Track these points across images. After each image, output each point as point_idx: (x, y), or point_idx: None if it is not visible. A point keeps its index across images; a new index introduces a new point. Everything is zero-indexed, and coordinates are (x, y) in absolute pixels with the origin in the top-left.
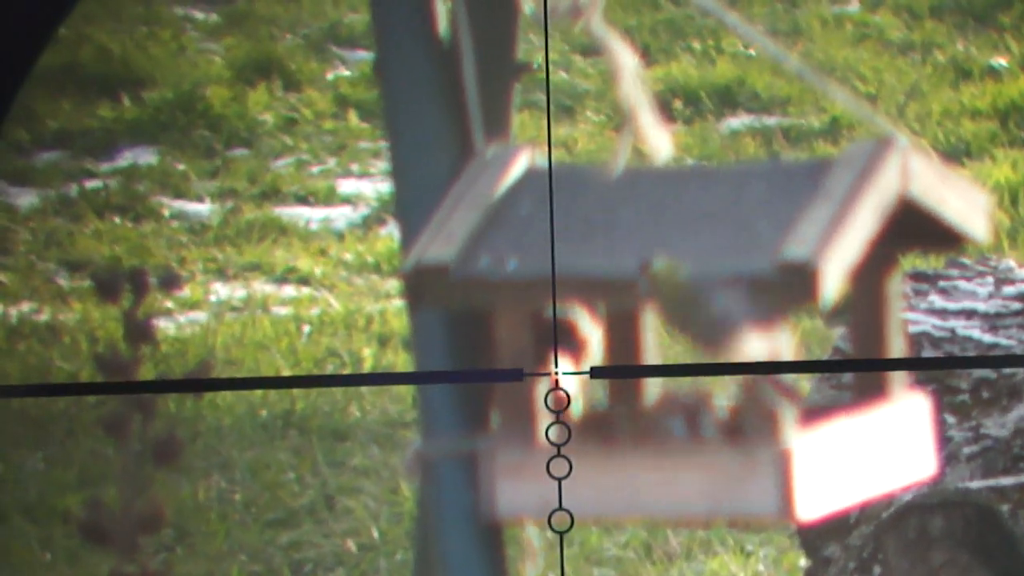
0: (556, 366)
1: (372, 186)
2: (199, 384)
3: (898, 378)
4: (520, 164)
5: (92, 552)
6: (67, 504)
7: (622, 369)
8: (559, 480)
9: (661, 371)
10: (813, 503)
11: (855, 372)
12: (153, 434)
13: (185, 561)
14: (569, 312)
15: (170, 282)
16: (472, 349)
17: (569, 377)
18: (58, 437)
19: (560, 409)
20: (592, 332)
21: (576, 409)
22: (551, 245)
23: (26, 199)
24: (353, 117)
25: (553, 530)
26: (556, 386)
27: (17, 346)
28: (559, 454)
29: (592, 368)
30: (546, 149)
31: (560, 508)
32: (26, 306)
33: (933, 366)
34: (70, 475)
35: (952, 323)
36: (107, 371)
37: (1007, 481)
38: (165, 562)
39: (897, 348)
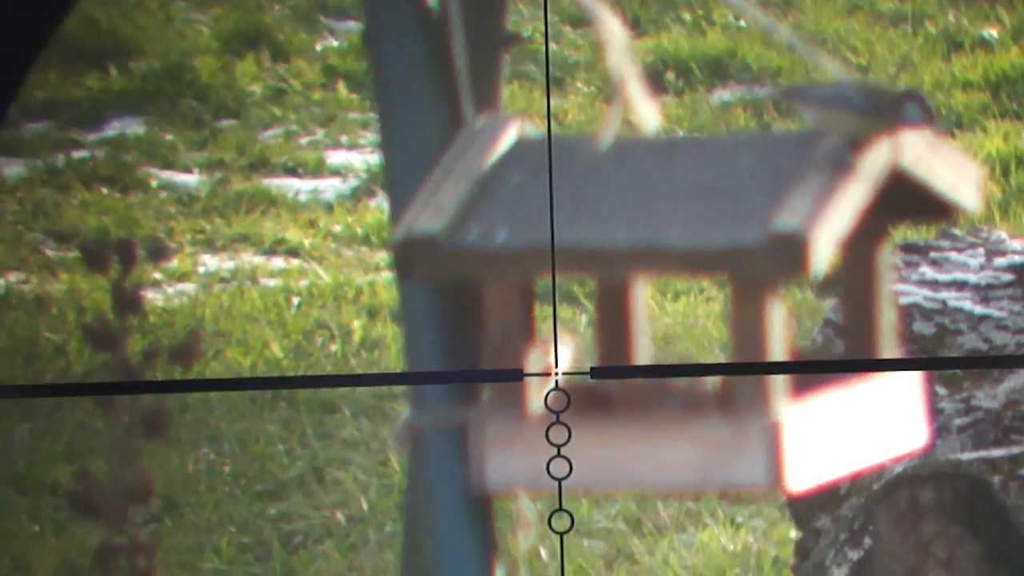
0: (556, 366)
1: (361, 157)
2: (201, 384)
3: (889, 350)
4: (510, 135)
5: (81, 523)
6: (56, 476)
7: (622, 369)
8: (559, 480)
9: (661, 371)
10: (803, 475)
11: (859, 372)
12: (142, 406)
13: (174, 532)
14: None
15: (158, 253)
16: (462, 321)
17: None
18: (46, 409)
19: (560, 409)
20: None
21: (562, 378)
22: (551, 247)
23: (13, 169)
24: (342, 88)
25: (553, 531)
26: (556, 386)
27: (4, 317)
28: (559, 454)
29: (592, 368)
30: (537, 120)
31: (560, 508)
32: (13, 276)
33: (934, 367)
34: (58, 447)
35: (943, 295)
36: (95, 341)
37: (998, 453)
38: (154, 533)
39: (888, 320)
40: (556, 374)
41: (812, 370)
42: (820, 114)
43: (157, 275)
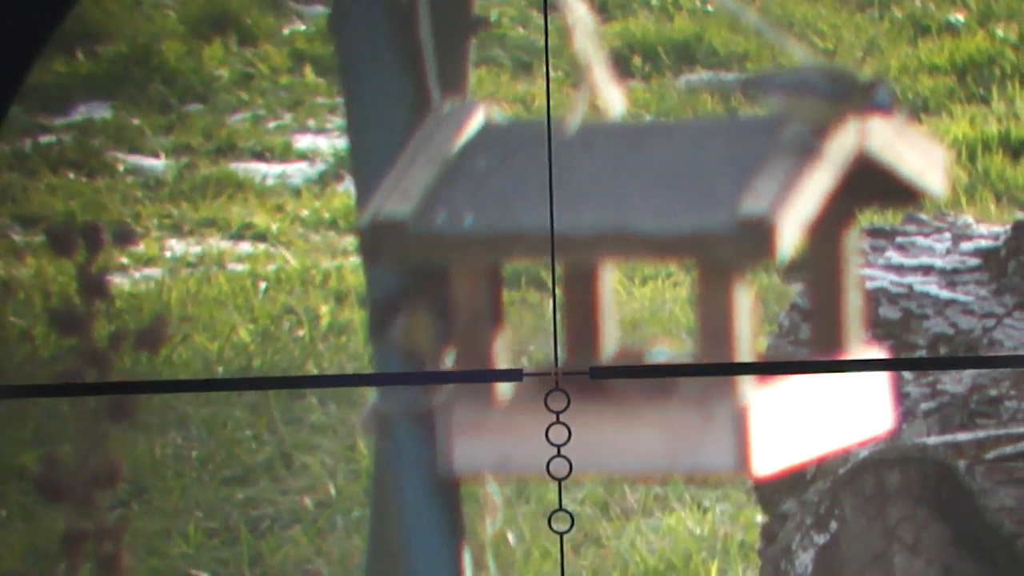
0: (556, 366)
1: (328, 142)
2: (201, 384)
3: (855, 334)
4: (477, 119)
5: (48, 508)
6: (22, 461)
7: (622, 370)
8: (559, 481)
9: (662, 372)
10: (770, 459)
11: (840, 371)
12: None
13: (141, 517)
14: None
15: (125, 237)
16: (429, 304)
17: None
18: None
19: (560, 409)
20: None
21: (532, 362)
22: (551, 249)
23: None
24: (309, 72)
25: (553, 531)
26: (556, 386)
27: None
28: (559, 454)
29: (592, 368)
30: (504, 106)
31: (560, 509)
32: None
33: (927, 367)
34: (25, 432)
35: (909, 279)
36: (61, 326)
37: (964, 437)
38: (121, 518)
39: (854, 304)
40: (556, 374)
41: (806, 371)
42: (785, 101)
43: (124, 260)
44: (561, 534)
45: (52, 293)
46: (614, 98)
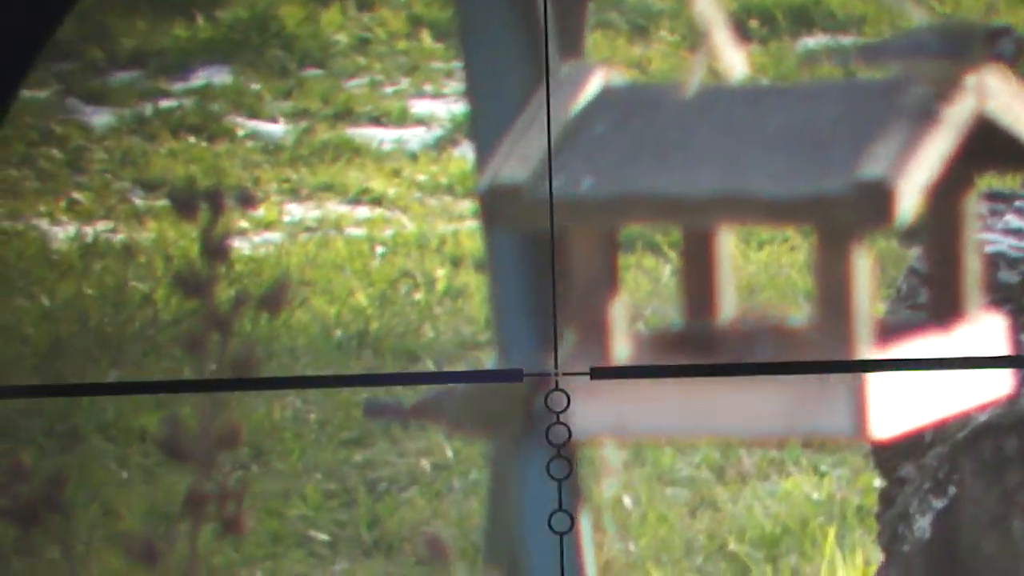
0: (556, 366)
1: (445, 107)
2: (209, 384)
3: (973, 298)
4: (594, 83)
5: (169, 470)
6: (144, 423)
7: (622, 370)
8: (559, 481)
9: (663, 372)
10: (888, 423)
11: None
12: (230, 353)
13: (261, 479)
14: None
15: (246, 201)
16: (545, 269)
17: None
18: (134, 356)
19: (560, 410)
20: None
21: (648, 326)
22: (551, 254)
23: (102, 118)
24: (426, 37)
25: (553, 531)
26: (556, 387)
27: (93, 265)
28: (559, 455)
29: (592, 368)
30: (620, 69)
31: (560, 509)
32: (102, 225)
33: (928, 366)
34: (147, 394)
35: None
36: (185, 288)
37: None
38: (241, 480)
39: (973, 268)
40: (556, 374)
41: (809, 371)
42: (903, 65)
43: (244, 224)
44: (561, 535)
45: (173, 257)
46: (735, 61)
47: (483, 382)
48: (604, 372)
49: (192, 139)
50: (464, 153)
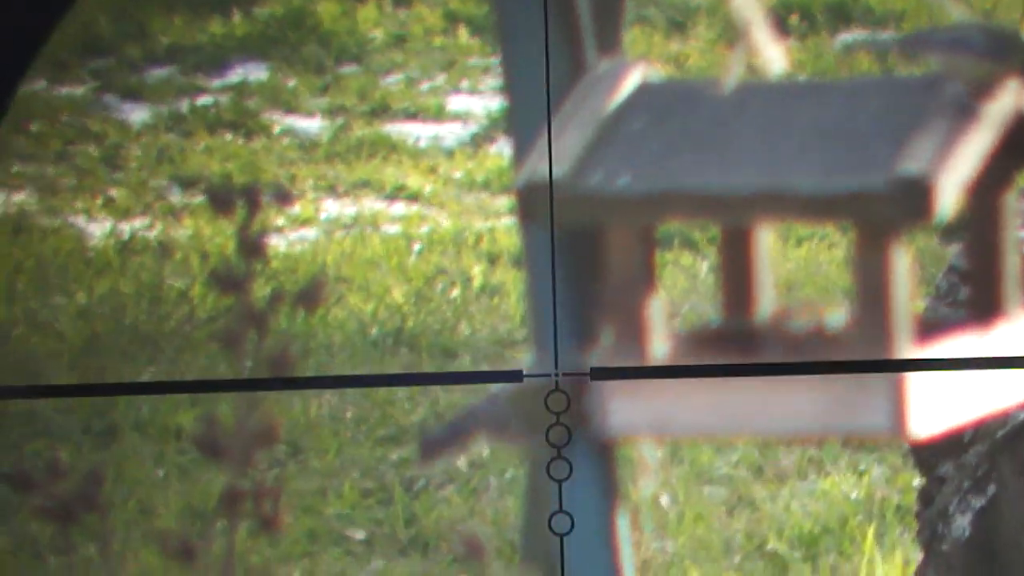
0: (556, 367)
1: (482, 103)
2: (201, 385)
3: (1013, 296)
4: (632, 79)
5: (206, 468)
6: (180, 421)
7: (622, 371)
8: (559, 482)
9: (664, 372)
10: (927, 421)
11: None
12: (266, 350)
13: (297, 477)
14: None
15: (282, 198)
16: (583, 265)
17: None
18: (170, 354)
19: (560, 411)
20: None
21: (686, 323)
22: (552, 257)
23: (138, 115)
24: (463, 33)
25: (553, 532)
26: (556, 387)
27: (130, 262)
28: (559, 456)
29: (592, 369)
30: (658, 65)
31: (561, 510)
32: (138, 222)
33: (927, 367)
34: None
35: None
36: (221, 285)
37: None
38: (278, 478)
39: (1013, 266)
40: (556, 375)
41: (807, 371)
42: (943, 60)
43: (280, 221)
44: (562, 536)
45: (210, 254)
46: (773, 57)
47: (483, 383)
48: (604, 372)
49: (228, 136)
50: (500, 150)
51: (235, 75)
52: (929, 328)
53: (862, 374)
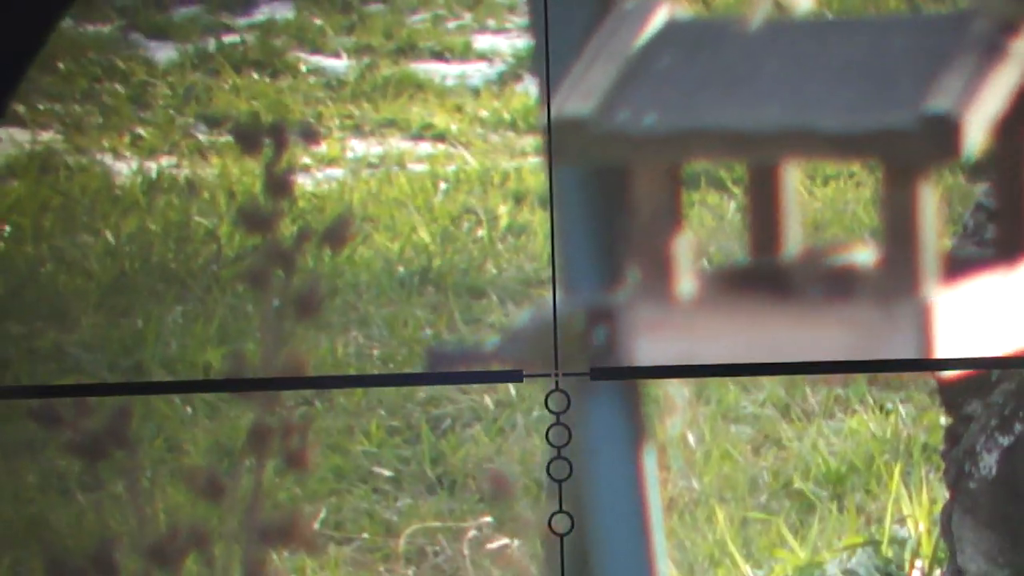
0: (556, 367)
1: (508, 42)
2: (193, 385)
3: None
4: (659, 16)
5: (233, 405)
6: (208, 358)
7: (622, 371)
8: (559, 482)
9: (664, 372)
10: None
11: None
12: (293, 289)
13: (324, 416)
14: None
15: (309, 136)
16: (610, 204)
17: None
18: (198, 292)
19: (561, 411)
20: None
21: (713, 263)
22: (551, 255)
23: (165, 53)
24: None
25: (553, 532)
26: (556, 387)
27: (157, 200)
28: (559, 456)
29: (592, 368)
30: (685, 2)
31: (560, 510)
32: (165, 160)
33: (928, 367)
34: (210, 330)
35: None
36: (248, 224)
37: None
38: (305, 416)
39: None
40: (556, 375)
41: (806, 372)
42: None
43: (306, 160)
44: (562, 536)
45: (237, 193)
46: None
47: (484, 382)
48: (604, 372)
49: (255, 75)
50: (527, 88)
51: (261, 14)
52: (956, 267)
53: (889, 308)
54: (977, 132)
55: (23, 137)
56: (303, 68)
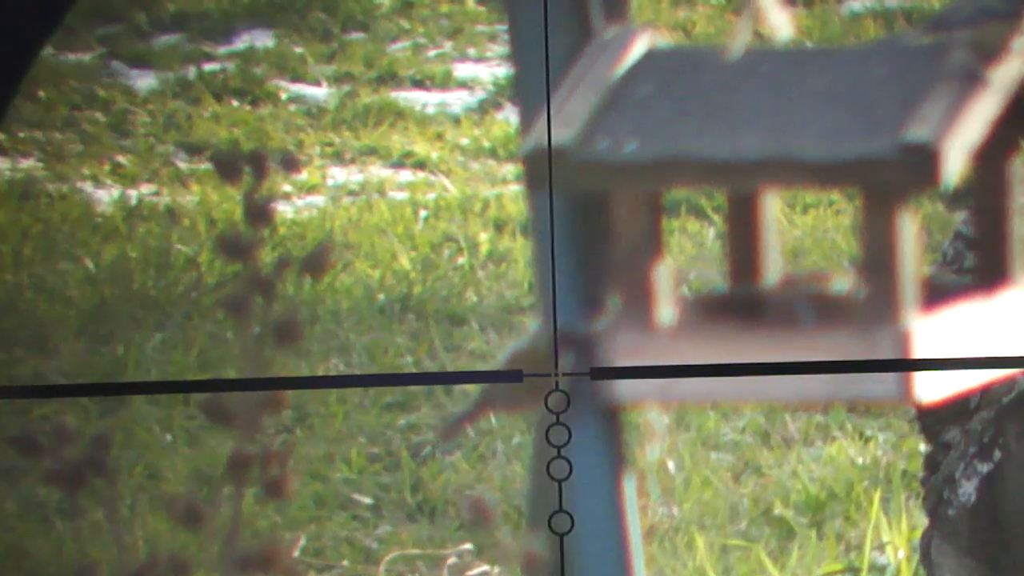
0: (556, 367)
1: (488, 70)
2: (183, 385)
3: (1020, 262)
4: (639, 46)
5: (212, 433)
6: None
7: (622, 371)
8: (559, 482)
9: (664, 372)
10: (933, 387)
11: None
12: (273, 316)
13: (305, 443)
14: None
15: (289, 164)
16: (590, 232)
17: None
18: (178, 319)
19: (560, 411)
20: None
21: (693, 290)
22: (552, 256)
23: (145, 82)
24: (469, 0)
25: (553, 532)
26: (556, 387)
27: (137, 228)
28: (559, 455)
29: (592, 368)
30: (665, 32)
31: (560, 510)
32: (145, 188)
33: (928, 367)
34: (190, 357)
35: None
36: (228, 252)
37: None
38: (285, 443)
39: (1019, 232)
40: (556, 375)
41: (807, 371)
42: (973, 34)
43: (287, 187)
44: (562, 536)
45: (217, 220)
46: (780, 24)
47: (484, 382)
48: (604, 372)
49: (235, 102)
50: (507, 116)
51: (242, 42)
52: (935, 294)
53: (868, 336)
54: (956, 160)
55: (3, 165)
56: (283, 96)
